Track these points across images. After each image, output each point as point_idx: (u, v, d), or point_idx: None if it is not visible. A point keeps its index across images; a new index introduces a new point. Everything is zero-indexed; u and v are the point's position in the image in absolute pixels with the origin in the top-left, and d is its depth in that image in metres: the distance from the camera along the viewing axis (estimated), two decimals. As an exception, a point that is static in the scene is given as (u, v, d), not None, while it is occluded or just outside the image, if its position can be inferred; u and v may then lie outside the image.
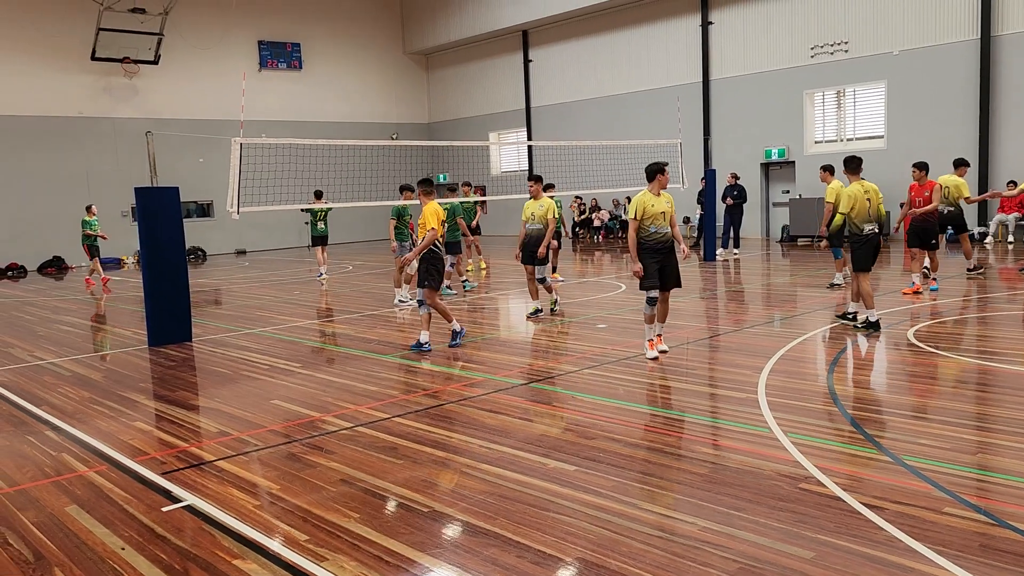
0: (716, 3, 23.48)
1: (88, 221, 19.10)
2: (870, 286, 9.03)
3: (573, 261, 20.19)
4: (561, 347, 9.08)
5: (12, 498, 4.99)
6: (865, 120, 21.21)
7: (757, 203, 22.63)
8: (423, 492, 4.75)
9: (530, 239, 10.86)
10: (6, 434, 6.47)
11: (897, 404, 6.26)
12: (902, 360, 7.79)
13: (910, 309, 10.31)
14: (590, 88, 27.07)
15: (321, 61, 30.30)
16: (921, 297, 11.18)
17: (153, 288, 10.27)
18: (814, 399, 6.37)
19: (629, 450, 5.34)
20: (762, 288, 13.50)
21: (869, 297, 8.93)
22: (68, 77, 24.98)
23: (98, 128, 25.49)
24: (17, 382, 8.45)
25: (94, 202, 25.02)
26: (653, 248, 7.99)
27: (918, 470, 4.71)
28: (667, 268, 8.04)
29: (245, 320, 12.19)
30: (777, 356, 7.93)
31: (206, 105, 26.91)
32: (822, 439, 5.37)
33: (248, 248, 28.43)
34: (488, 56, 30.62)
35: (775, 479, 4.67)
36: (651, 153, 20.07)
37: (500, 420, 6.20)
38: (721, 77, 23.63)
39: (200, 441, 6.07)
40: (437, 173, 32.30)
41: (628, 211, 8.19)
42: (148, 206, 10.17)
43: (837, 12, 20.85)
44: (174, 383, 8.20)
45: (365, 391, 7.56)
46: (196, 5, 26.56)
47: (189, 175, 24.15)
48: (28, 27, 24.11)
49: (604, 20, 26.26)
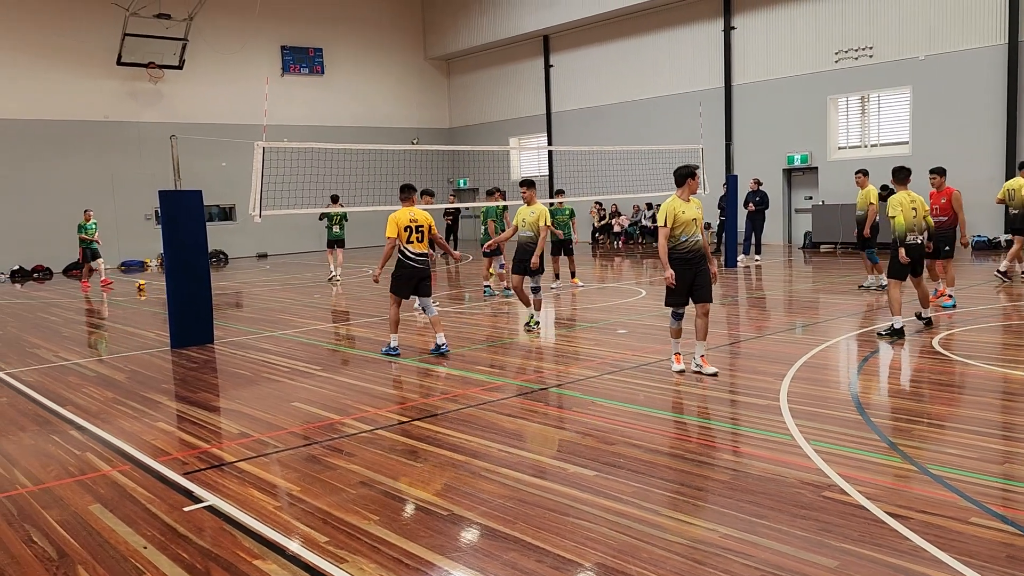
0: (739, 8, 23.37)
1: (84, 225, 19.40)
2: (900, 294, 8.97)
3: (593, 266, 20.14)
4: (581, 352, 9.05)
5: (37, 496, 5.04)
6: (889, 126, 21.00)
7: (779, 209, 22.47)
8: (442, 495, 4.74)
9: (520, 248, 10.29)
10: (32, 433, 6.54)
11: (922, 412, 6.17)
12: (927, 368, 7.70)
13: (935, 316, 10.18)
14: (611, 93, 27.02)
15: (343, 66, 30.48)
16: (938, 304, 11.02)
17: (176, 290, 10.36)
18: (838, 407, 6.30)
19: (650, 456, 5.31)
20: (784, 295, 13.40)
21: (898, 304, 8.88)
22: (94, 82, 25.30)
23: (123, 132, 25.79)
24: (43, 382, 8.54)
25: (117, 205, 25.30)
26: (683, 258, 7.33)
27: (944, 479, 4.64)
28: (700, 279, 7.37)
29: (266, 323, 12.26)
30: (800, 363, 7.85)
31: (229, 109, 27.14)
32: (846, 447, 5.31)
33: (269, 251, 28.61)
34: (509, 61, 30.67)
35: (798, 487, 4.62)
36: (672, 158, 20.05)
37: (520, 424, 6.18)
38: (743, 82, 23.51)
39: (221, 442, 6.11)
40: (457, 178, 32.41)
41: (657, 218, 7.41)
42: (171, 209, 10.27)
43: (862, 17, 20.68)
44: (196, 384, 8.26)
45: (385, 394, 7.57)
46: (220, 10, 26.82)
47: (212, 179, 24.34)
48: (56, 33, 24.46)
49: (625, 25, 26.22)
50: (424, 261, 8.97)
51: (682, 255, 7.35)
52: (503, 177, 29.99)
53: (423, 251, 8.96)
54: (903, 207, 9.03)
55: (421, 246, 8.91)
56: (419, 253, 8.90)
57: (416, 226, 8.85)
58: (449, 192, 29.97)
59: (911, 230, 9.03)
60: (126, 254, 25.94)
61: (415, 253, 8.87)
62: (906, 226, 9.00)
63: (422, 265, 8.92)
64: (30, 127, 24.16)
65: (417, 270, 8.89)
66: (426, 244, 8.98)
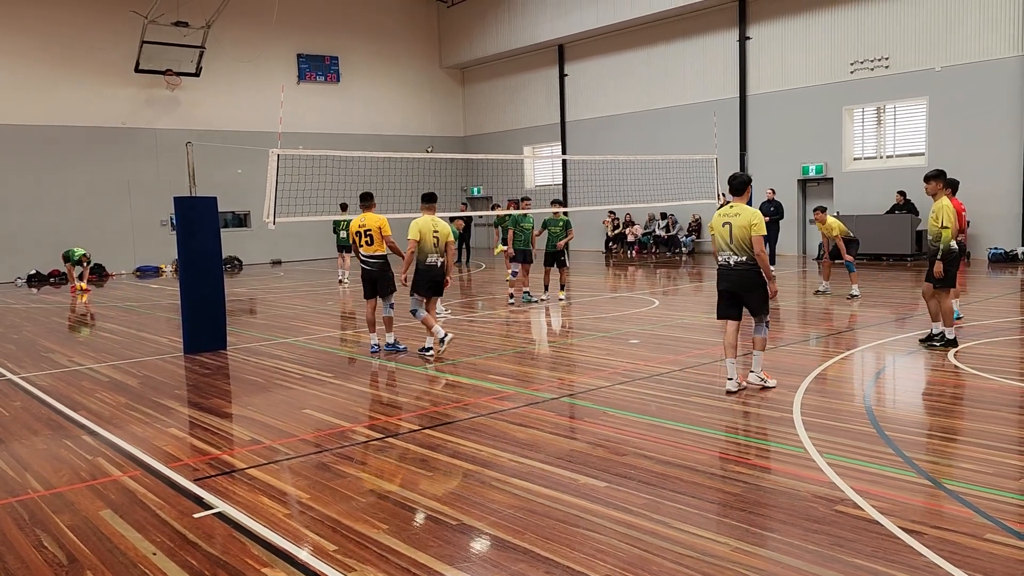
0: (754, 18, 23.34)
1: (70, 256, 19.73)
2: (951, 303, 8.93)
3: (606, 276, 20.11)
4: (593, 362, 9.02)
5: (48, 501, 5.06)
6: (906, 137, 20.88)
7: (794, 220, 22.36)
8: (452, 505, 4.73)
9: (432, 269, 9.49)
10: (44, 438, 6.58)
11: (937, 426, 6.11)
12: (942, 381, 7.62)
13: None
14: (625, 103, 27.02)
15: (358, 74, 30.63)
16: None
17: (190, 296, 10.41)
18: (851, 419, 6.24)
19: (661, 467, 5.27)
20: (798, 305, 13.32)
21: (950, 314, 8.82)
22: (113, 89, 25.53)
23: (140, 138, 26.01)
24: (56, 387, 8.60)
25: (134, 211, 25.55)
26: None
27: (959, 494, 4.58)
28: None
29: (279, 329, 12.30)
30: (813, 375, 7.80)
31: (245, 116, 27.33)
32: (859, 460, 5.25)
33: (283, 258, 28.73)
34: (523, 70, 30.73)
35: (810, 500, 4.58)
36: (686, 168, 20.03)
37: (530, 434, 6.16)
38: (758, 92, 23.45)
39: (232, 449, 6.12)
40: (472, 186, 32.46)
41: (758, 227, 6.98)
42: (187, 215, 10.34)
43: (878, 28, 20.59)
44: (208, 390, 8.29)
45: (396, 402, 7.57)
46: (237, 18, 27.02)
47: (227, 185, 24.50)
48: (76, 41, 24.72)
49: (640, 35, 26.23)
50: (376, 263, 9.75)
51: None
52: (517, 186, 30.04)
53: (379, 253, 9.73)
54: (954, 216, 8.72)
55: (370, 248, 9.70)
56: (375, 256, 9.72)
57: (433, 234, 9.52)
58: (460, 201, 29.99)
59: (954, 238, 8.82)
60: (141, 260, 26.12)
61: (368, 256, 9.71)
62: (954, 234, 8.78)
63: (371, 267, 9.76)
64: (49, 133, 24.40)
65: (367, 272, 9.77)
66: (379, 247, 9.72)
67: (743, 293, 7.17)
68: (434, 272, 9.50)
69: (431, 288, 9.61)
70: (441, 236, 9.52)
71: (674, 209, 25.07)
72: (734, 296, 7.22)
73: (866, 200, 20.70)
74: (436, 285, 9.61)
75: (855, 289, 13.32)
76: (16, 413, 7.47)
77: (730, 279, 7.15)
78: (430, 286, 9.57)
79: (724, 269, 7.19)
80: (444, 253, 9.55)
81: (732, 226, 7.03)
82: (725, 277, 7.19)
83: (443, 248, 9.53)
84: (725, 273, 7.19)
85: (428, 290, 9.60)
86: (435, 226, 9.51)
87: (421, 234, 9.37)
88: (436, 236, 9.47)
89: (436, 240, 9.47)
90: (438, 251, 9.49)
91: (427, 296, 9.66)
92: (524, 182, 30.90)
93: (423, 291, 9.56)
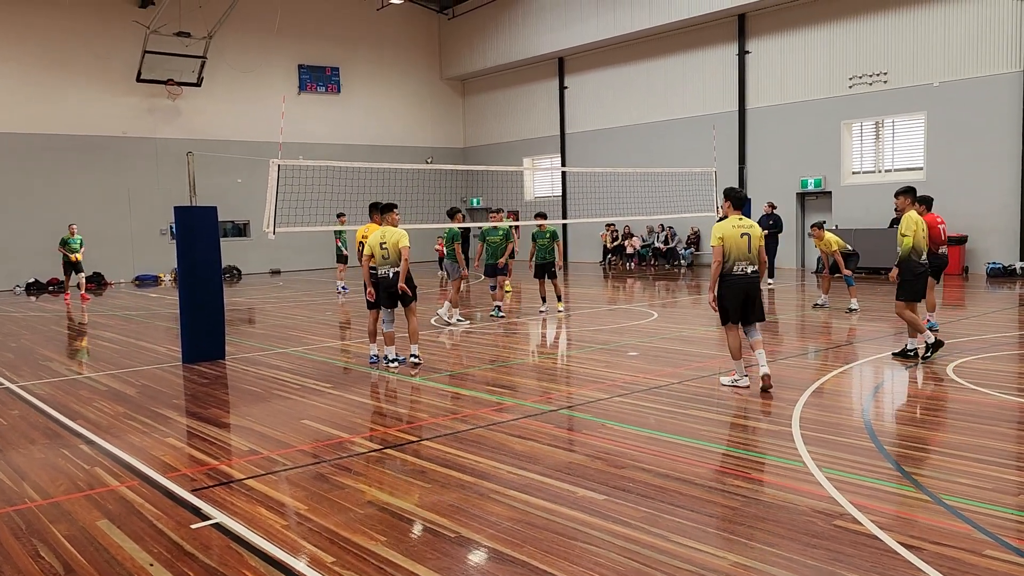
0: (753, 32, 23.45)
1: (68, 240, 19.61)
2: (916, 313, 9.03)
3: (605, 288, 20.12)
4: (592, 374, 9.02)
5: (45, 511, 5.04)
6: (904, 151, 20.95)
7: (793, 233, 22.41)
8: (450, 517, 4.72)
9: (384, 280, 9.47)
10: (42, 447, 6.56)
11: (936, 441, 6.11)
12: (941, 396, 7.62)
13: (950, 345, 10.09)
14: (625, 115, 27.12)
15: (359, 85, 30.74)
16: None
17: (189, 306, 10.41)
18: (850, 434, 6.24)
19: (659, 480, 5.27)
20: (797, 319, 13.33)
21: (918, 322, 8.95)
22: (114, 98, 25.60)
23: (141, 148, 26.05)
24: (55, 395, 8.58)
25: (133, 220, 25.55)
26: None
27: (958, 510, 4.58)
28: None
29: (277, 339, 12.29)
30: (812, 388, 7.80)
31: (246, 126, 27.40)
32: (858, 475, 5.25)
33: (282, 268, 28.74)
34: (524, 82, 30.85)
35: (809, 515, 4.57)
36: (686, 181, 20.08)
37: (529, 446, 6.15)
38: (758, 106, 23.54)
39: (230, 459, 6.10)
40: (471, 197, 32.52)
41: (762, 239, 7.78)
42: (187, 224, 10.35)
43: (877, 43, 20.70)
44: (206, 400, 8.28)
45: (395, 413, 7.56)
46: (239, 29, 27.13)
47: (227, 195, 24.54)
48: (78, 50, 24.80)
49: (640, 48, 26.35)
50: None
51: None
52: (516, 197, 30.10)
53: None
54: (918, 226, 9.00)
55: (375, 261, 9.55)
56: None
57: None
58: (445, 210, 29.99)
59: (922, 252, 9.05)
60: (140, 268, 26.12)
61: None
62: (921, 247, 9.01)
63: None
64: (50, 141, 24.45)
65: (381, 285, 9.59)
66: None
67: (754, 299, 7.73)
68: (385, 283, 9.37)
69: (388, 300, 9.47)
70: (390, 246, 9.32)
71: (673, 221, 25.12)
72: (746, 302, 7.69)
73: (865, 214, 20.75)
74: (391, 297, 9.45)
75: (854, 303, 13.33)
76: (14, 422, 7.45)
77: (747, 287, 7.67)
78: (385, 297, 9.45)
79: (740, 278, 7.65)
80: (397, 263, 9.32)
81: (751, 237, 7.62)
82: (741, 285, 7.66)
83: (395, 258, 9.33)
84: (741, 282, 7.66)
85: (384, 301, 9.48)
86: (383, 236, 9.36)
87: (369, 246, 9.40)
88: (384, 248, 9.33)
89: (385, 252, 9.33)
90: (389, 262, 9.34)
91: (386, 307, 9.53)
92: (524, 194, 30.97)
93: (383, 303, 9.51)
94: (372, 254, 9.40)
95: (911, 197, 9.20)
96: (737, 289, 7.66)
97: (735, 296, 7.67)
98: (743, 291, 7.66)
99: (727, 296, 7.69)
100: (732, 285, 7.66)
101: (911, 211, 9.12)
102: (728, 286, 7.67)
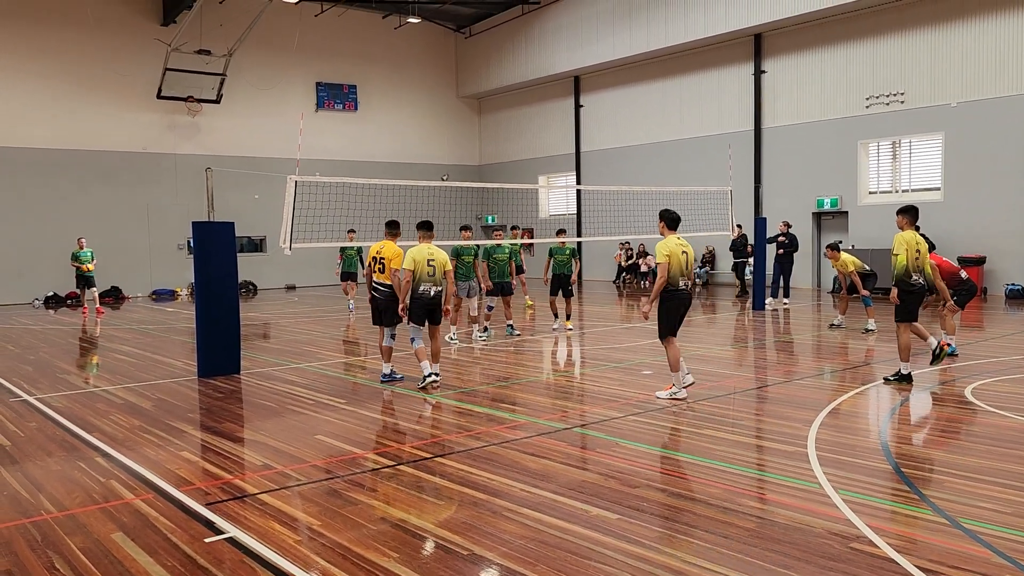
0: (769, 52, 23.49)
1: (78, 253, 19.74)
2: (909, 338, 8.89)
3: (619, 306, 20.08)
4: (606, 392, 9.00)
5: (61, 523, 5.07)
6: (921, 171, 20.86)
7: (808, 253, 22.33)
8: (463, 534, 4.71)
9: (424, 298, 9.33)
10: (58, 459, 6.60)
11: (954, 464, 6.04)
12: (960, 418, 7.54)
13: (969, 367, 10.00)
14: (640, 134, 27.18)
15: (376, 103, 30.99)
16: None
17: (205, 320, 10.47)
18: (867, 455, 6.18)
19: (673, 500, 5.24)
20: (812, 339, 13.25)
21: (907, 350, 8.79)
22: (135, 115, 25.94)
23: (161, 163, 26.35)
24: (71, 408, 8.64)
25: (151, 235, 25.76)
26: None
27: (976, 534, 4.52)
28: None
29: (292, 354, 12.34)
30: (828, 409, 7.74)
31: (264, 143, 27.66)
32: (875, 497, 5.20)
33: (298, 283, 28.89)
34: (539, 100, 31.00)
35: (825, 537, 4.53)
36: (701, 200, 20.05)
37: (542, 464, 6.13)
38: (773, 125, 23.53)
39: (244, 473, 6.12)
40: (486, 214, 32.62)
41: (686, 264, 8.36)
42: (204, 240, 10.43)
43: (893, 63, 20.68)
44: (221, 414, 8.31)
45: (408, 429, 7.56)
46: (258, 47, 27.44)
47: (244, 210, 24.72)
48: (102, 67, 25.16)
49: (656, 67, 26.44)
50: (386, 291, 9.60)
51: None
52: (531, 215, 30.15)
53: (388, 282, 9.55)
54: (910, 247, 8.88)
55: (382, 276, 9.58)
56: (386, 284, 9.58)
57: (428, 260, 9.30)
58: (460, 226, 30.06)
59: (916, 271, 8.90)
60: (157, 283, 26.33)
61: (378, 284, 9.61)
62: (913, 267, 8.87)
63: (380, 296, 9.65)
64: (71, 157, 24.78)
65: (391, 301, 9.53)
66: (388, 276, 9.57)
67: (686, 312, 8.45)
68: (426, 301, 9.23)
69: (426, 317, 9.34)
70: (437, 265, 9.23)
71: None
72: (682, 316, 8.39)
73: (883, 234, 20.61)
74: (430, 314, 9.37)
75: (871, 324, 13.24)
76: (31, 434, 7.51)
77: (686, 301, 8.38)
78: (423, 315, 9.32)
79: (683, 293, 8.30)
80: (442, 282, 9.32)
81: (688, 255, 8.36)
82: (683, 300, 8.32)
83: (440, 277, 9.28)
84: (683, 296, 8.32)
85: (421, 318, 9.33)
86: (430, 254, 9.26)
87: (415, 262, 9.16)
88: (432, 265, 9.20)
89: (432, 269, 9.21)
90: (433, 280, 9.23)
91: (421, 324, 9.38)
92: (539, 211, 31.04)
93: (417, 319, 9.35)
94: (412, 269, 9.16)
95: (907, 217, 9.06)
96: (679, 303, 8.27)
97: (677, 310, 8.29)
98: (684, 305, 8.34)
99: (671, 310, 8.26)
100: (676, 299, 8.25)
101: (908, 231, 8.98)
102: (672, 300, 8.24)
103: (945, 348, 9.38)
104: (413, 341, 9.38)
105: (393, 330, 9.74)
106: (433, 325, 9.46)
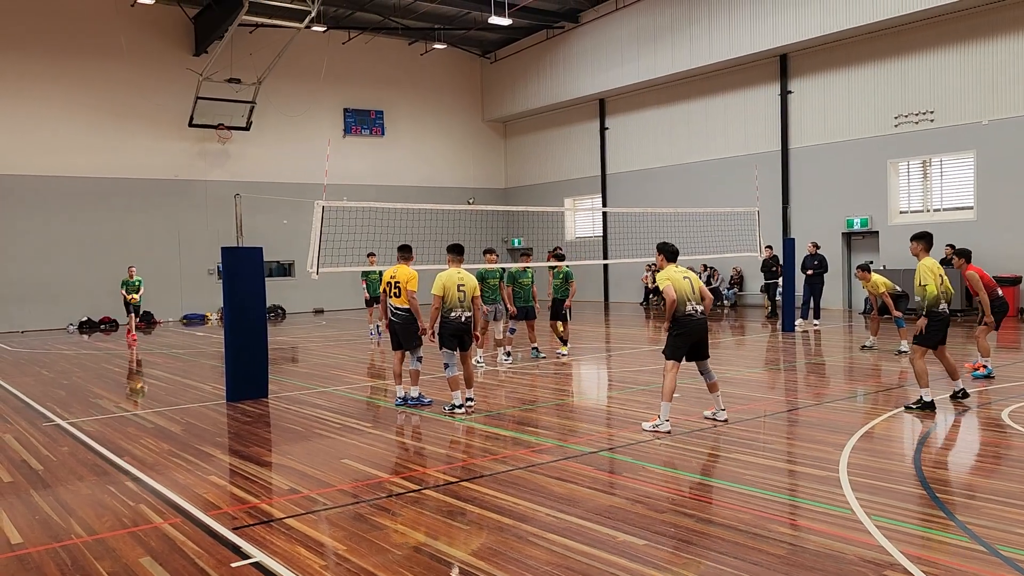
0: (795, 72, 23.41)
1: (128, 282, 20.05)
2: (925, 364, 8.62)
3: (646, 328, 19.97)
4: (632, 415, 8.92)
5: (91, 547, 5.11)
6: (953, 190, 20.58)
7: (838, 273, 22.08)
8: (488, 559, 4.67)
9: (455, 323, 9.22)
10: (89, 483, 6.67)
11: (991, 489, 5.89)
12: (996, 442, 7.37)
13: (1006, 388, 9.79)
14: (666, 156, 27.15)
15: (403, 128, 31.31)
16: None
17: (234, 344, 10.56)
18: (900, 480, 6.06)
19: (701, 526, 5.16)
20: (844, 361, 13.06)
21: (924, 376, 8.56)
22: (167, 143, 26.44)
23: (191, 190, 26.78)
24: (103, 432, 8.74)
25: (182, 260, 26.12)
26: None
27: (1015, 561, 4.40)
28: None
29: (320, 378, 12.40)
30: (860, 433, 7.60)
31: (292, 168, 28.02)
32: (909, 523, 5.08)
33: (325, 307, 29.10)
34: (565, 124, 31.12)
35: (858, 564, 4.43)
36: (728, 221, 19.95)
37: (568, 488, 6.08)
38: (801, 146, 23.39)
39: (271, 498, 6.14)
40: (512, 237, 32.70)
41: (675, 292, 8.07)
42: (233, 265, 10.55)
43: (922, 81, 20.49)
44: (249, 439, 8.36)
45: (434, 453, 7.55)
46: (287, 75, 27.88)
47: (273, 235, 25.02)
48: (134, 96, 25.70)
49: (681, 89, 26.45)
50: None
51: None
52: (557, 238, 30.16)
53: (405, 306, 9.56)
54: (934, 275, 8.72)
55: (397, 300, 9.59)
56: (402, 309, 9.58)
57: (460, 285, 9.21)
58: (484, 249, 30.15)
59: (943, 298, 8.73)
60: (188, 308, 26.65)
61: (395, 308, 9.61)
62: (939, 294, 8.70)
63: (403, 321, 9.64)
64: (105, 185, 25.27)
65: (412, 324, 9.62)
66: (405, 300, 9.55)
67: (704, 339, 8.23)
68: (456, 326, 9.11)
69: (455, 342, 9.18)
70: (467, 290, 9.14)
71: (715, 262, 24.92)
72: (698, 343, 8.18)
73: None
74: (460, 340, 9.23)
75: (904, 345, 13.03)
76: (63, 458, 7.60)
77: (701, 329, 8.16)
78: (455, 341, 9.16)
79: (693, 319, 8.10)
80: (471, 307, 9.22)
81: (691, 280, 8.21)
82: (696, 327, 8.11)
83: (469, 302, 9.18)
84: (696, 323, 8.11)
85: (453, 344, 9.16)
86: (460, 279, 9.16)
87: (445, 288, 9.08)
88: (462, 290, 9.10)
89: (462, 295, 9.11)
90: (463, 305, 9.13)
91: (452, 349, 9.21)
92: (565, 234, 31.04)
93: (449, 345, 9.17)
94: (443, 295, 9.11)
95: (922, 243, 8.91)
96: (692, 330, 8.08)
97: (689, 336, 8.09)
98: (697, 333, 8.12)
99: (682, 336, 8.10)
100: (688, 326, 8.07)
101: (926, 258, 8.83)
102: (684, 326, 8.07)
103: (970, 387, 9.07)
104: (447, 368, 9.22)
105: (418, 352, 9.71)
106: (463, 351, 9.36)
